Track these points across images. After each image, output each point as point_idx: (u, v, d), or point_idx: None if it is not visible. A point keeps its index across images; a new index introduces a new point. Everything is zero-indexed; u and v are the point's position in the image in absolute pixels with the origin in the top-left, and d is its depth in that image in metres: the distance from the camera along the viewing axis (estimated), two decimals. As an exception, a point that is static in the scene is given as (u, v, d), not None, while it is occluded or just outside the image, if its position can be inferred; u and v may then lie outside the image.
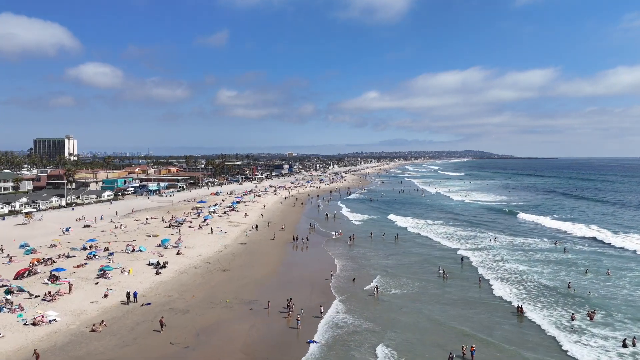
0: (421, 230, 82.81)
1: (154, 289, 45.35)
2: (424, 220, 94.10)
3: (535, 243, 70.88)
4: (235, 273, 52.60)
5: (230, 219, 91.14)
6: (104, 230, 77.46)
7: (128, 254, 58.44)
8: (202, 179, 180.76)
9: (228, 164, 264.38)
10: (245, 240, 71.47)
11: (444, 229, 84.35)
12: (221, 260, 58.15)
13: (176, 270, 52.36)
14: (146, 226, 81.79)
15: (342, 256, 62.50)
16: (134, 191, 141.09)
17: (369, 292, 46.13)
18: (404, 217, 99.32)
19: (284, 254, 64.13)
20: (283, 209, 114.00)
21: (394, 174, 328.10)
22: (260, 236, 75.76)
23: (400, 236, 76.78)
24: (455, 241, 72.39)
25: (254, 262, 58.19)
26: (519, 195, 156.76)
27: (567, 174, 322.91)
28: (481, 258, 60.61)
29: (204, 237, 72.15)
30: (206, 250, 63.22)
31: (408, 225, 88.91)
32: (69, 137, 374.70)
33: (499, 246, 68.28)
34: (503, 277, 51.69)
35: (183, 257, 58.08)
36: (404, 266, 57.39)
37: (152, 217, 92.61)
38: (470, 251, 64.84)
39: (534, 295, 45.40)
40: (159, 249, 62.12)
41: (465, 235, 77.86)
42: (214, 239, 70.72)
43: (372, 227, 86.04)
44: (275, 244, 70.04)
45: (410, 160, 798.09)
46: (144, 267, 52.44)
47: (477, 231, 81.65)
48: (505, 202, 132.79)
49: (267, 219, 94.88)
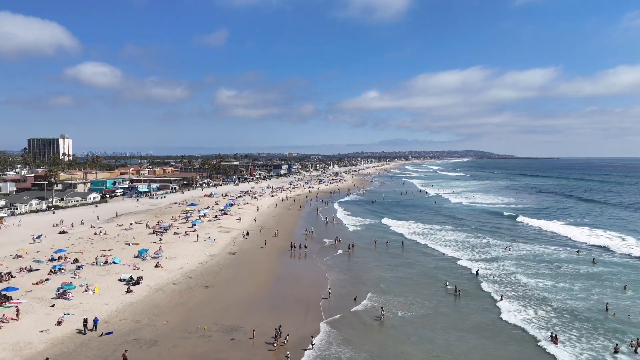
0: (427, 237, 76.17)
1: (120, 313, 38.70)
2: (430, 226, 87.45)
3: (557, 252, 64.19)
4: (219, 290, 45.99)
5: (221, 224, 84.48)
6: (81, 237, 70.81)
7: (99, 267, 51.77)
8: (196, 180, 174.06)
9: (225, 164, 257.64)
10: (234, 249, 64.85)
11: (452, 235, 77.74)
12: (205, 274, 51.52)
13: (151, 287, 45.72)
14: (128, 232, 75.16)
15: (341, 269, 55.94)
16: (123, 193, 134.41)
17: (373, 315, 39.56)
18: (407, 222, 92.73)
19: (276, 265, 57.51)
20: (279, 212, 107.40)
21: (394, 175, 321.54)
22: (252, 244, 69.14)
23: (404, 244, 70.26)
24: (466, 250, 65.78)
25: (242, 276, 51.57)
26: (526, 197, 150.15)
27: (570, 174, 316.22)
28: (496, 271, 54.02)
29: (189, 245, 65.52)
30: (189, 261, 56.58)
31: (412, 231, 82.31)
32: (63, 137, 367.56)
33: (515, 256, 61.66)
34: (525, 295, 45.09)
35: (161, 271, 51.44)
36: (410, 281, 50.82)
37: (138, 221, 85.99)
38: (483, 262, 58.25)
39: (566, 319, 38.78)
40: (136, 260, 55.45)
41: (475, 243, 71.23)
42: (200, 248, 64.10)
43: (374, 233, 79.57)
44: (267, 253, 63.41)
45: (410, 160, 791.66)
46: (113, 284, 45.79)
47: (487, 238, 75.06)
48: (513, 205, 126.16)
49: (260, 223, 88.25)
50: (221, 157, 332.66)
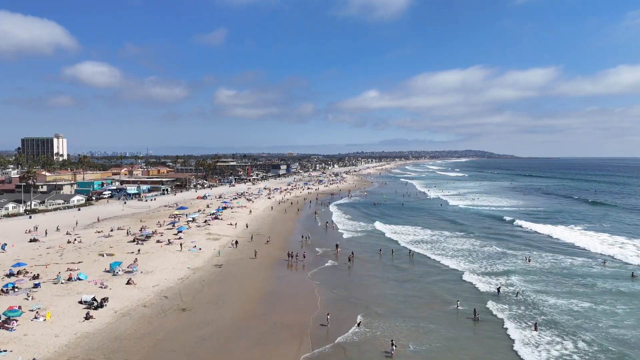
0: (436, 246, 69.16)
1: (71, 348, 31.71)
2: (438, 232, 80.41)
3: (586, 265, 56.95)
4: (198, 314, 39.02)
5: (210, 230, 77.47)
6: (52, 246, 63.79)
7: (61, 285, 44.75)
8: (190, 181, 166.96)
9: (221, 164, 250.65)
10: (221, 261, 57.84)
11: (463, 243, 70.74)
12: (184, 293, 44.54)
13: (116, 311, 38.73)
14: (107, 240, 68.17)
15: (340, 285, 48.97)
16: (111, 195, 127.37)
17: (381, 349, 32.56)
18: (413, 227, 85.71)
19: (266, 281, 50.47)
20: (275, 216, 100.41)
21: (395, 175, 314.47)
22: (242, 253, 62.15)
23: (411, 254, 63.30)
24: (481, 262, 58.76)
25: (226, 295, 44.60)
26: (535, 200, 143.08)
27: (574, 175, 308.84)
28: (519, 287, 47.04)
29: (171, 256, 58.51)
30: (168, 276, 49.60)
31: (418, 238, 75.34)
32: (58, 136, 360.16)
33: (538, 270, 54.64)
34: (559, 320, 38.07)
35: (133, 289, 44.45)
36: (420, 301, 43.80)
37: (120, 227, 78.98)
38: (501, 277, 51.26)
39: (616, 356, 31.81)
40: (106, 275, 48.45)
41: (489, 253, 64.24)
42: (183, 259, 57.11)
43: (377, 241, 72.60)
44: (257, 265, 56.39)
45: (411, 160, 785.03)
46: (72, 307, 38.80)
47: (502, 247, 68.08)
48: (523, 208, 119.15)
49: (253, 229, 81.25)
50: (218, 157, 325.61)
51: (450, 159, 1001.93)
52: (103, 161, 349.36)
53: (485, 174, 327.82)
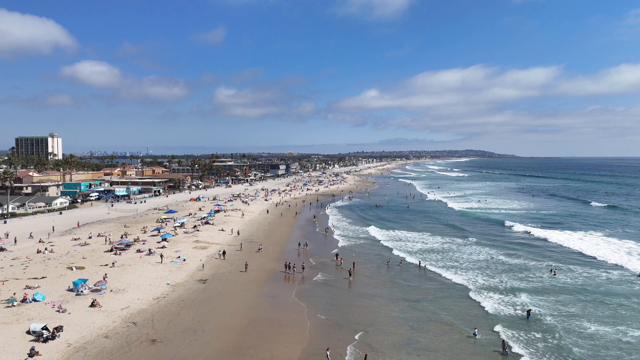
0: (449, 257, 62.31)
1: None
2: (449, 240, 73.50)
3: (627, 280, 49.83)
4: (170, 348, 32.17)
5: (199, 238, 70.63)
6: (18, 257, 56.88)
7: (12, 308, 37.88)
8: (184, 182, 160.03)
9: (218, 164, 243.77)
10: (206, 275, 51.01)
11: (478, 253, 63.91)
12: (157, 318, 37.70)
13: (70, 344, 31.90)
14: (82, 249, 61.31)
15: (339, 306, 42.12)
16: (98, 197, 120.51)
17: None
18: (420, 234, 78.89)
19: (257, 301, 43.56)
20: (271, 221, 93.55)
21: (396, 175, 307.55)
22: (231, 265, 55.32)
23: (422, 266, 56.49)
24: (500, 275, 51.91)
25: (209, 320, 37.76)
26: (545, 202, 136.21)
27: (579, 175, 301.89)
28: (551, 309, 40.25)
29: (149, 269, 51.68)
30: (142, 295, 42.78)
31: (428, 247, 68.54)
32: (52, 136, 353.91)
33: (569, 286, 47.69)
34: (608, 356, 31.24)
35: (97, 313, 37.61)
36: (437, 328, 36.89)
37: (100, 233, 72.13)
38: (527, 295, 44.48)
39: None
40: (68, 295, 41.63)
41: (509, 264, 57.35)
42: (163, 273, 50.29)
43: (382, 250, 65.75)
44: (247, 281, 49.51)
45: (411, 160, 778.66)
46: (17, 339, 31.98)
47: (521, 257, 61.28)
48: (534, 211, 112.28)
49: (246, 236, 74.49)
50: (215, 157, 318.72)
51: (451, 158, 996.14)
52: (99, 161, 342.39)
53: (488, 175, 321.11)
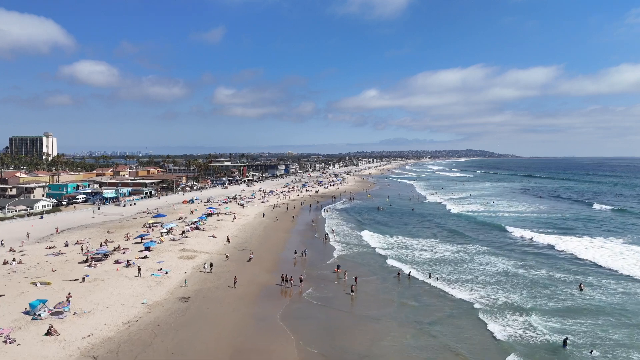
0: (462, 269, 56.15)
1: None
2: (461, 248, 67.33)
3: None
4: (133, 392, 26.07)
5: (186, 246, 64.49)
6: (-20, 269, 50.75)
7: (-51, 339, 31.77)
8: (178, 183, 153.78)
9: (215, 164, 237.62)
10: (189, 291, 44.88)
11: (494, 264, 57.70)
12: (123, 350, 31.57)
13: (8, 390, 25.83)
14: (54, 260, 55.13)
15: (341, 329, 36.01)
16: (85, 199, 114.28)
17: None
18: (428, 241, 72.84)
19: (245, 322, 37.38)
20: (267, 225, 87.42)
21: (398, 175, 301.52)
22: (219, 279, 49.19)
23: (432, 275, 50.49)
24: (522, 291, 45.80)
25: (186, 352, 31.63)
26: (554, 204, 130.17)
27: (583, 176, 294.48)
28: (590, 335, 34.21)
29: (126, 284, 45.56)
30: (111, 319, 36.63)
31: (439, 256, 62.44)
32: (47, 135, 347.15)
33: (606, 304, 41.58)
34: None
35: (52, 344, 31.49)
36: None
37: (79, 241, 66.04)
38: (560, 318, 38.31)
39: None
40: (23, 319, 35.48)
41: (531, 278, 51.11)
42: (139, 290, 44.16)
43: (386, 259, 59.59)
44: (238, 298, 43.38)
45: (412, 160, 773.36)
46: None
47: (542, 269, 55.18)
48: (545, 214, 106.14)
49: (239, 242, 68.47)
50: (212, 157, 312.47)
51: (451, 158, 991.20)
52: (94, 161, 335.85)
53: (490, 175, 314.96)
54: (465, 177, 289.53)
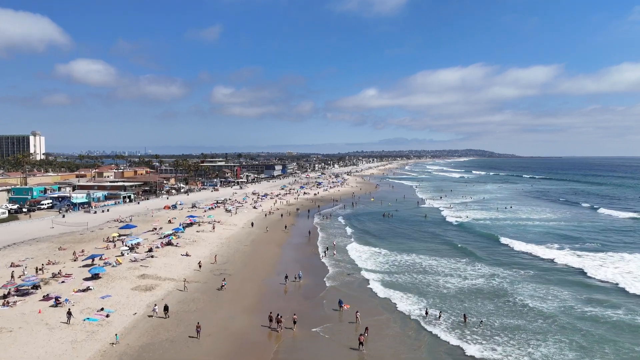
0: (507, 306, 42.72)
1: None
2: (496, 272, 53.66)
3: None
4: None
5: (148, 270, 50.94)
6: None
7: None
8: (162, 185, 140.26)
9: (207, 164, 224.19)
10: (131, 349, 31.49)
11: (544, 297, 44.36)
12: None
13: None
14: (-33, 293, 41.72)
15: None
16: (52, 205, 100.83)
17: None
18: (451, 262, 59.55)
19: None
20: (255, 237, 74.10)
21: (400, 176, 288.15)
22: (178, 324, 35.76)
23: (467, 318, 37.20)
24: (604, 347, 32.60)
25: None
26: (580, 211, 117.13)
27: (591, 177, 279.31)
28: None
29: (42, 336, 32.19)
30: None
31: (469, 283, 49.07)
32: (35, 134, 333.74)
33: None
34: None
35: None
36: None
37: (15, 263, 52.74)
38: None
39: None
40: None
41: (604, 321, 38.00)
42: (61, 347, 30.75)
43: (402, 293, 46.20)
44: (197, 358, 30.07)
45: (412, 160, 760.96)
46: None
47: (618, 309, 41.99)
48: (576, 222, 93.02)
49: (218, 262, 55.10)
50: (205, 156, 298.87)
51: (451, 158, 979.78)
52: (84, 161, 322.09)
53: (495, 176, 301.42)
54: (471, 177, 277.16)
